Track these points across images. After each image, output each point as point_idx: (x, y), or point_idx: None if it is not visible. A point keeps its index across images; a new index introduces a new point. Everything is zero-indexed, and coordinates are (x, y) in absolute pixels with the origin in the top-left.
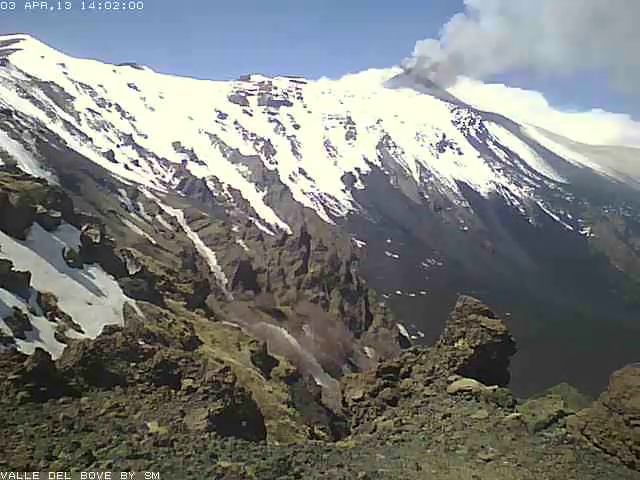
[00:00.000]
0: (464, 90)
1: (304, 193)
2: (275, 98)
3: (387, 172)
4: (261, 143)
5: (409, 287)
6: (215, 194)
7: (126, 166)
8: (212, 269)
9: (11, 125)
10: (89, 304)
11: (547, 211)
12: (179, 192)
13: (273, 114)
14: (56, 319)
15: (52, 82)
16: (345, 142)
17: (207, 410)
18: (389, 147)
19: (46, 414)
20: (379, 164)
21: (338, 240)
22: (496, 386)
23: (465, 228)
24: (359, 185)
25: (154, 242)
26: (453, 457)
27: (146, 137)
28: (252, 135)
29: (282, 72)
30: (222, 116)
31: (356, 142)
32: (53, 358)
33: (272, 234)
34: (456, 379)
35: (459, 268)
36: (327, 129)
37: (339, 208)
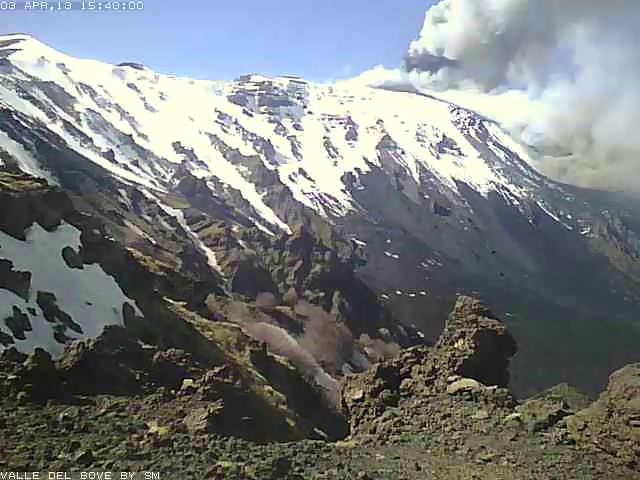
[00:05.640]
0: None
1: (304, 193)
2: (275, 98)
3: (387, 172)
4: (261, 143)
5: (409, 287)
6: (215, 194)
7: (126, 166)
8: (212, 269)
9: (11, 125)
10: (89, 304)
11: (547, 211)
12: (179, 192)
13: (273, 114)
14: (56, 319)
15: (52, 82)
16: (345, 142)
17: (207, 410)
18: (389, 147)
19: (46, 414)
20: (379, 164)
21: (338, 240)
22: (496, 386)
23: (465, 228)
24: (359, 185)
25: (154, 242)
26: (453, 457)
27: (146, 137)
28: (252, 135)
29: (282, 72)
30: (222, 116)
31: (356, 142)
32: (53, 358)
33: (272, 234)
34: (456, 379)
35: (459, 268)
36: (327, 129)
37: (339, 208)
